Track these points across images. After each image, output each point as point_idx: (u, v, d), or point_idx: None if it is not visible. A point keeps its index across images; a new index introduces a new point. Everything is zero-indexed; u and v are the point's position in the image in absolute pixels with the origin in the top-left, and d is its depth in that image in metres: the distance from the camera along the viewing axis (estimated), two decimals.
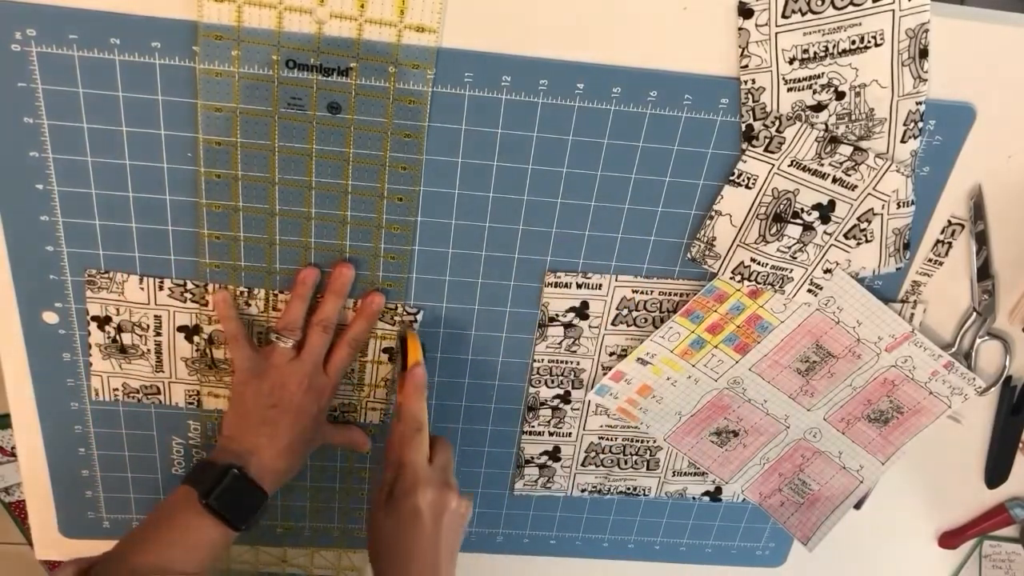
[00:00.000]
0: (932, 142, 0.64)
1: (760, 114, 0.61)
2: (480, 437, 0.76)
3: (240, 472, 0.62)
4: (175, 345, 0.68)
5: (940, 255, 0.70)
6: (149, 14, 0.56)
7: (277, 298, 0.66)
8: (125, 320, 0.67)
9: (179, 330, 0.68)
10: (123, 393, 0.71)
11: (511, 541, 0.82)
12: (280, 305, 0.66)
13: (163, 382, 0.70)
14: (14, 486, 0.96)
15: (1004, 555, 0.90)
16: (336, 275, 0.64)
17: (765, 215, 0.64)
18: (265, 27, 0.56)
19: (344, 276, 0.64)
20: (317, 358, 0.65)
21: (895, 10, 0.58)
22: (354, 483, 0.77)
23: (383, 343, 0.69)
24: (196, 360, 0.69)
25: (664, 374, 0.72)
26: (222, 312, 0.65)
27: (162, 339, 0.68)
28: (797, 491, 0.80)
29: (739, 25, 0.59)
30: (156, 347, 0.68)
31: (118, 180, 0.61)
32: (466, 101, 0.60)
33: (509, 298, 0.69)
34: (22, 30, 0.56)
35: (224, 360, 0.69)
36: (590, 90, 0.60)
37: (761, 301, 0.68)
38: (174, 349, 0.69)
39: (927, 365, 0.72)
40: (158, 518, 0.61)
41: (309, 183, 0.62)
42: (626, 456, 0.78)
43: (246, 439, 0.64)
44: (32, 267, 0.64)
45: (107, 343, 0.68)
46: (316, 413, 0.66)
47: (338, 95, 0.59)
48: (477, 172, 0.63)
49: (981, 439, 0.80)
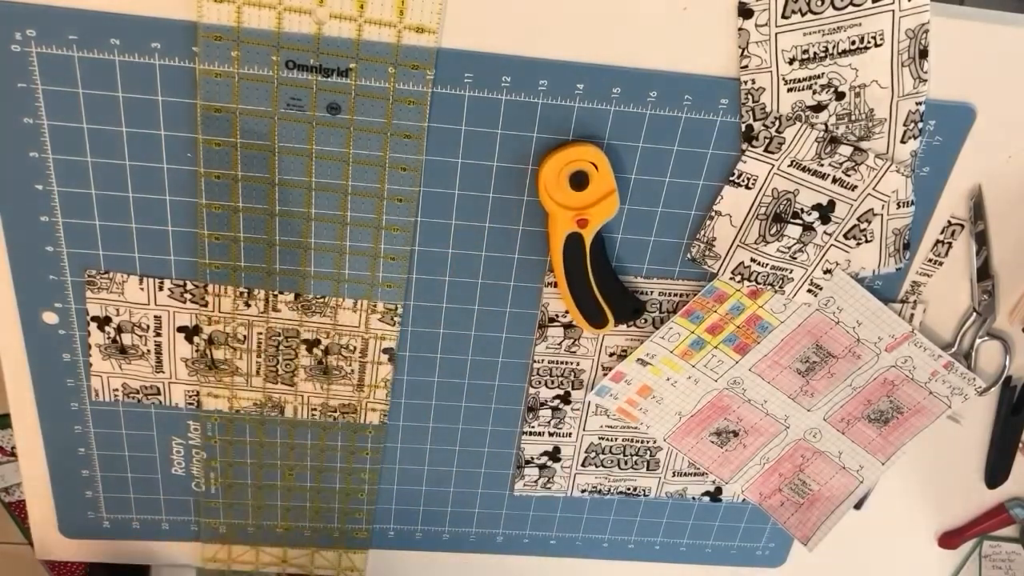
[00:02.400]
0: (932, 142, 0.64)
1: (760, 114, 0.61)
2: (480, 437, 0.76)
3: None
4: (175, 345, 0.68)
5: (940, 255, 0.70)
6: (149, 14, 0.56)
7: (277, 299, 0.66)
8: (125, 321, 0.67)
9: (179, 330, 0.68)
10: (123, 393, 0.71)
11: (511, 541, 0.82)
12: (280, 305, 0.66)
13: (163, 382, 0.70)
14: (14, 486, 0.96)
15: (1004, 555, 0.89)
16: None
17: (765, 215, 0.64)
18: (265, 27, 0.56)
19: None
20: None
21: (895, 10, 0.58)
22: (354, 483, 0.77)
23: (383, 343, 0.69)
24: (196, 360, 0.69)
25: (664, 374, 0.72)
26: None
27: (162, 339, 0.68)
28: (797, 491, 0.80)
29: (739, 25, 0.59)
30: (156, 347, 0.68)
31: (118, 180, 0.61)
32: (466, 101, 0.60)
33: (509, 298, 0.69)
34: (22, 30, 0.56)
35: (224, 360, 0.69)
36: (590, 90, 0.60)
37: (761, 301, 0.68)
38: (174, 349, 0.69)
39: (927, 365, 0.72)
40: None
41: (309, 184, 0.62)
42: (626, 456, 0.78)
43: None
44: (32, 267, 0.64)
45: (107, 344, 0.68)
46: None
47: (338, 96, 0.59)
48: (477, 172, 0.63)
49: (981, 439, 0.80)
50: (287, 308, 0.67)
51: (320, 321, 0.68)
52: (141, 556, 0.80)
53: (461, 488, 0.78)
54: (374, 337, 0.69)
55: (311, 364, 0.70)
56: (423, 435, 0.75)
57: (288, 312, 0.67)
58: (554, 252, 0.64)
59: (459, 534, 0.81)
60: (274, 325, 0.67)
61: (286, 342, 0.68)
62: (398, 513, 0.79)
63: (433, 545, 0.81)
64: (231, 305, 0.67)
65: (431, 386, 0.72)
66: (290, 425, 0.73)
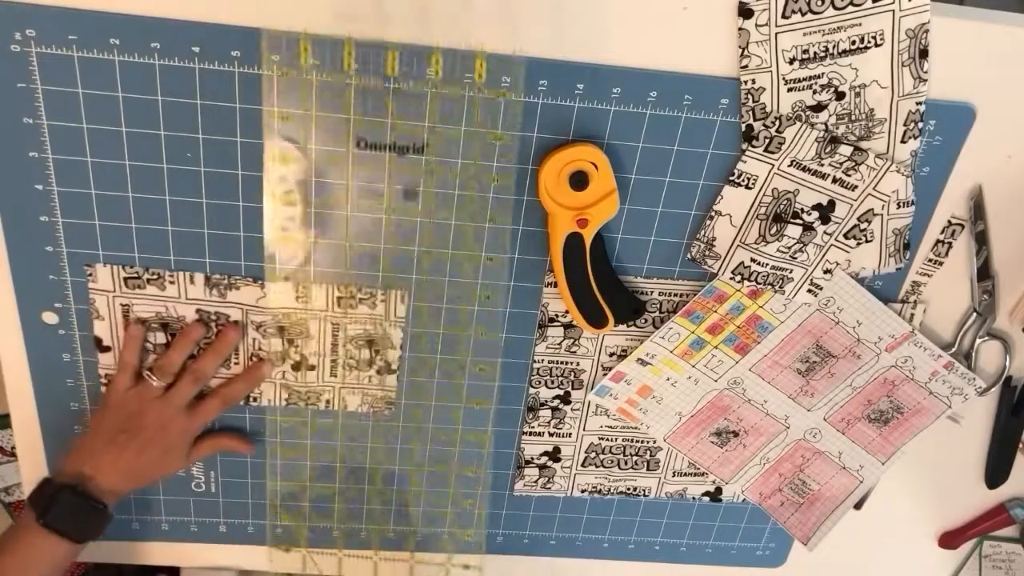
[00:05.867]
0: (932, 142, 0.64)
1: (760, 114, 0.61)
2: (480, 438, 0.76)
3: (77, 491, 0.64)
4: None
5: (940, 255, 0.70)
6: (149, 14, 0.56)
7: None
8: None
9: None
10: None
11: (511, 541, 0.82)
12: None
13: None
14: (14, 486, 0.96)
15: (1004, 555, 0.89)
16: (221, 335, 0.68)
17: (765, 215, 0.64)
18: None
19: (228, 338, 0.68)
20: (181, 402, 0.68)
21: (895, 10, 0.58)
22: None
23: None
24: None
25: (664, 374, 0.72)
26: (128, 341, 0.67)
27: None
28: (797, 491, 0.80)
29: (739, 25, 0.59)
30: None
31: (118, 180, 0.61)
32: (465, 102, 0.60)
33: (509, 298, 0.69)
34: (22, 30, 0.56)
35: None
36: (590, 90, 0.60)
37: (761, 301, 0.68)
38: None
39: (927, 365, 0.72)
40: (4, 539, 0.63)
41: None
42: (626, 456, 0.78)
43: (91, 458, 0.66)
44: (32, 267, 0.64)
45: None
46: (167, 448, 0.68)
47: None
48: (478, 173, 0.63)
49: (981, 439, 0.80)
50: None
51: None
52: (141, 556, 0.80)
53: (461, 487, 0.78)
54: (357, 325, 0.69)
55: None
56: (424, 435, 0.75)
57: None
58: (554, 252, 0.64)
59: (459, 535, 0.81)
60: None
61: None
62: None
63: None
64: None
65: (431, 386, 0.72)
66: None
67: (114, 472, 0.66)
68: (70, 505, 0.64)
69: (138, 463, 0.67)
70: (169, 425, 0.67)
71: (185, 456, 0.70)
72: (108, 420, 0.67)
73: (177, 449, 0.69)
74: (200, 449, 0.71)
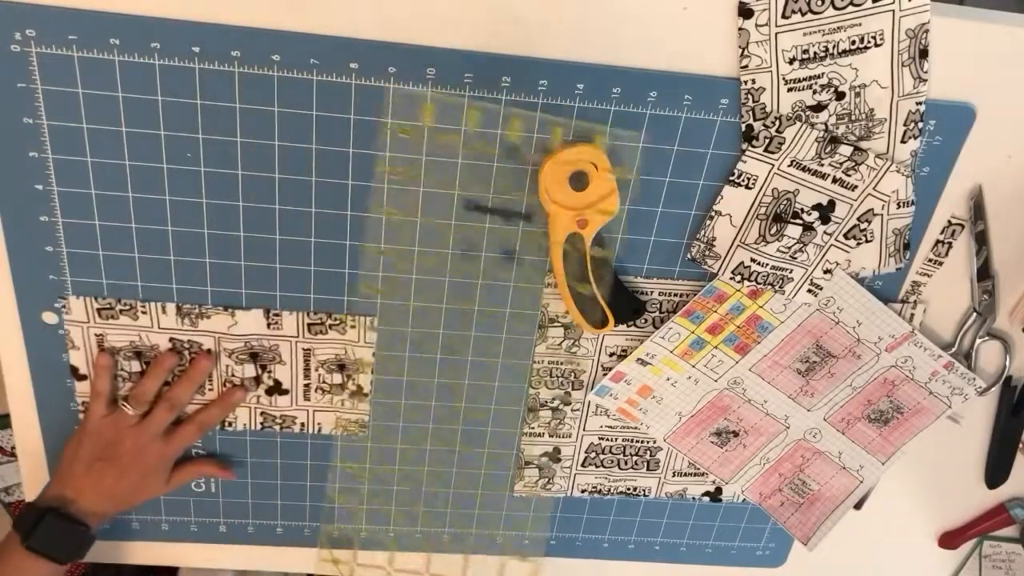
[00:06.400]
0: (932, 142, 0.64)
1: (760, 114, 0.61)
2: (480, 438, 0.76)
3: (60, 512, 0.66)
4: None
5: (940, 255, 0.70)
6: (149, 14, 0.56)
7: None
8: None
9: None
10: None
11: (511, 542, 0.82)
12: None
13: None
14: (14, 486, 0.96)
15: (1004, 555, 0.89)
16: (194, 363, 0.69)
17: (765, 215, 0.64)
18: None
19: (201, 366, 0.69)
20: (156, 429, 0.69)
21: (895, 10, 0.58)
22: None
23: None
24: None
25: (664, 374, 0.72)
26: (98, 370, 0.68)
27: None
28: (797, 491, 0.80)
29: (739, 25, 0.59)
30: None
31: (118, 180, 0.61)
32: (465, 102, 0.60)
33: (509, 298, 0.69)
34: (22, 30, 0.56)
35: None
36: (590, 90, 0.60)
37: (761, 301, 0.68)
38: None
39: (927, 365, 0.72)
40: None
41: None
42: (626, 456, 0.78)
43: (71, 482, 0.68)
44: (32, 267, 0.64)
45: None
46: (145, 474, 0.69)
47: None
48: (478, 173, 0.63)
49: (981, 439, 0.80)
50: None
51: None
52: (141, 556, 0.80)
53: (461, 487, 0.78)
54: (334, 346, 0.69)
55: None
56: (423, 436, 0.75)
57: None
58: (554, 252, 0.64)
59: (459, 535, 0.81)
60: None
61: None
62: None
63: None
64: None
65: (430, 386, 0.72)
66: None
67: (95, 495, 0.68)
68: (53, 527, 0.66)
69: (118, 488, 0.69)
70: (146, 452, 0.68)
71: (165, 482, 0.71)
72: (86, 447, 0.68)
73: (156, 475, 0.70)
74: (181, 474, 0.72)
